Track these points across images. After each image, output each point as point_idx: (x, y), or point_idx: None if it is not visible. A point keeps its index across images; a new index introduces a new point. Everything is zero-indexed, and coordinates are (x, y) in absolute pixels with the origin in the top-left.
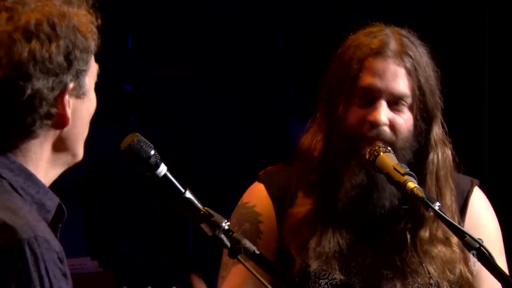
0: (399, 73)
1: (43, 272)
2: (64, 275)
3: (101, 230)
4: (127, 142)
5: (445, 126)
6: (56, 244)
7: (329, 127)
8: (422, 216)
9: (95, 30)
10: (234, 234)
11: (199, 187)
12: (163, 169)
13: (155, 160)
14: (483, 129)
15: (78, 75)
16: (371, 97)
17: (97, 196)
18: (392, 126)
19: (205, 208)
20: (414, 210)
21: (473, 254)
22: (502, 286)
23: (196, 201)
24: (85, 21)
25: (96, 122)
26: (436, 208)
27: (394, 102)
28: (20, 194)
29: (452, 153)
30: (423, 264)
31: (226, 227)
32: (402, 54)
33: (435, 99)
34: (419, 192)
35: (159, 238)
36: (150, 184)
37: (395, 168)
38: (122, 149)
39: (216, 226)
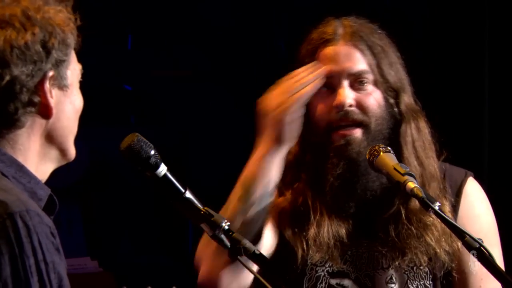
0: (351, 52)
1: (36, 243)
2: (57, 249)
3: (101, 230)
4: (127, 142)
5: (418, 100)
6: (48, 219)
7: (303, 129)
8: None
9: (73, 26)
10: (234, 234)
11: (199, 187)
12: (163, 169)
13: (155, 160)
14: (483, 129)
15: (58, 65)
16: (332, 84)
17: (97, 196)
18: (359, 105)
19: (205, 208)
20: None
21: (473, 254)
22: (502, 285)
23: (196, 201)
24: (62, 16)
25: (96, 122)
26: (436, 208)
27: (356, 82)
28: (12, 182)
29: (429, 128)
30: (421, 235)
31: (226, 227)
32: (351, 36)
33: (398, 72)
34: (419, 192)
35: (159, 238)
36: (150, 184)
37: (395, 168)
38: (122, 149)
39: (216, 226)
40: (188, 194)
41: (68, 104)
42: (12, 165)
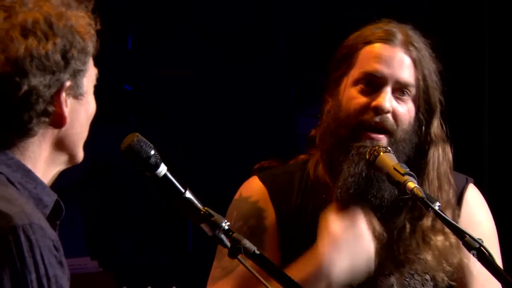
0: (405, 61)
1: (38, 258)
2: (60, 263)
3: (101, 230)
4: (127, 142)
5: (443, 123)
6: (51, 232)
7: (331, 114)
8: (418, 208)
9: (93, 32)
10: (234, 234)
11: (199, 187)
12: (163, 169)
13: (155, 160)
14: (483, 129)
15: (76, 75)
16: (377, 83)
17: (98, 196)
18: (394, 115)
19: (205, 208)
20: (415, 201)
21: (473, 254)
22: (502, 286)
23: (196, 201)
24: (83, 23)
25: (96, 122)
26: (436, 208)
27: (399, 91)
28: (17, 189)
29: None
30: (421, 252)
31: (226, 227)
32: (408, 44)
33: (438, 93)
34: (419, 192)
35: (159, 238)
36: (150, 184)
37: (395, 168)
38: (122, 149)
39: (216, 226)
40: (188, 194)
41: (82, 111)
42: (18, 170)
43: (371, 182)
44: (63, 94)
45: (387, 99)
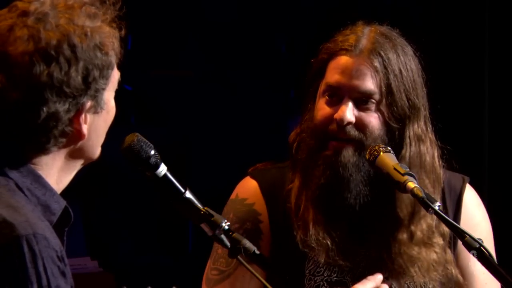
0: (364, 70)
1: (41, 269)
2: (63, 273)
3: (101, 230)
4: (127, 142)
5: (432, 125)
6: (56, 243)
7: (304, 124)
8: (398, 218)
9: (117, 43)
10: (234, 234)
11: (199, 187)
12: (163, 169)
13: (155, 160)
14: (483, 129)
15: (96, 94)
16: (338, 94)
17: (97, 196)
18: (359, 124)
19: (205, 208)
20: (390, 212)
21: (473, 254)
22: (502, 286)
23: (196, 201)
24: (107, 36)
25: None
26: (436, 208)
27: (362, 100)
28: (25, 195)
29: (438, 151)
30: (407, 265)
31: (226, 227)
32: (370, 52)
33: (411, 98)
34: (419, 192)
35: (159, 238)
36: (150, 184)
37: (395, 168)
38: (122, 149)
39: (216, 226)
40: (188, 194)
41: (101, 122)
42: (28, 176)
43: (342, 183)
44: (83, 115)
45: (346, 111)
